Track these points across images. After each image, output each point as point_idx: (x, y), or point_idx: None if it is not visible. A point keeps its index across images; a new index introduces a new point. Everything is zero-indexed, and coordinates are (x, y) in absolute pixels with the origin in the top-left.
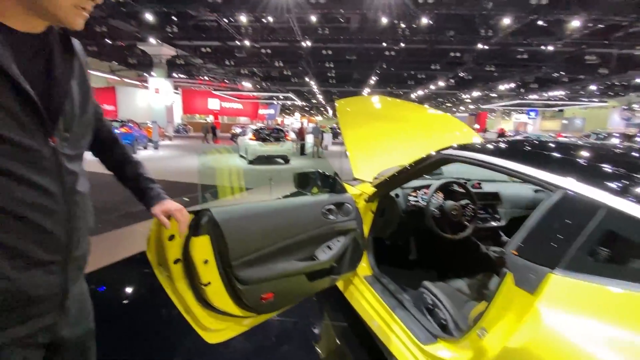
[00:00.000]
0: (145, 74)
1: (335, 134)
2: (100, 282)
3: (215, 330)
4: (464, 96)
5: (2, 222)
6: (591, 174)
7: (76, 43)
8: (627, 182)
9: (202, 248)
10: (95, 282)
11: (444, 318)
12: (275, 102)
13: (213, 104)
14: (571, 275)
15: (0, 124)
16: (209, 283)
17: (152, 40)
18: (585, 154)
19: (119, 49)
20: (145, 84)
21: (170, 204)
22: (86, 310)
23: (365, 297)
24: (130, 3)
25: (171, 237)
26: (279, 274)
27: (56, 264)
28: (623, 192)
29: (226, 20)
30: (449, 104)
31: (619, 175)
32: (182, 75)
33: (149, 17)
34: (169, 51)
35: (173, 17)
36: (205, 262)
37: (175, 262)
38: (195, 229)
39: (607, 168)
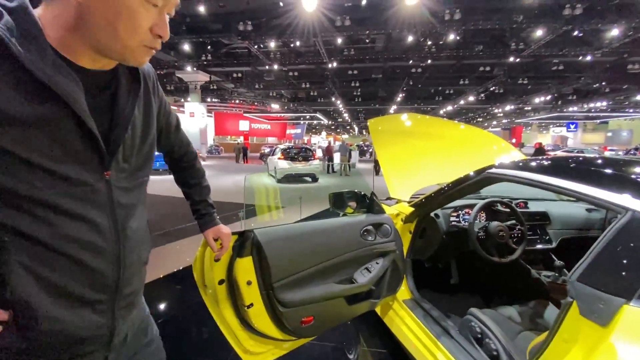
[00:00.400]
0: (181, 99)
1: (362, 151)
2: None
3: (256, 353)
4: (495, 110)
5: (49, 259)
6: None
7: (145, 67)
8: None
9: (246, 269)
10: None
11: (495, 349)
12: (302, 121)
13: (243, 125)
14: None
15: (57, 159)
16: (252, 305)
17: (188, 68)
18: None
19: (158, 77)
20: (181, 109)
21: (221, 229)
22: (144, 337)
23: (406, 322)
24: (170, 35)
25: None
26: (319, 297)
27: (103, 303)
28: None
29: (256, 47)
30: (479, 119)
31: None
32: (215, 99)
33: (186, 47)
34: (203, 77)
35: (207, 47)
36: (248, 283)
37: (220, 282)
38: (239, 250)
39: None
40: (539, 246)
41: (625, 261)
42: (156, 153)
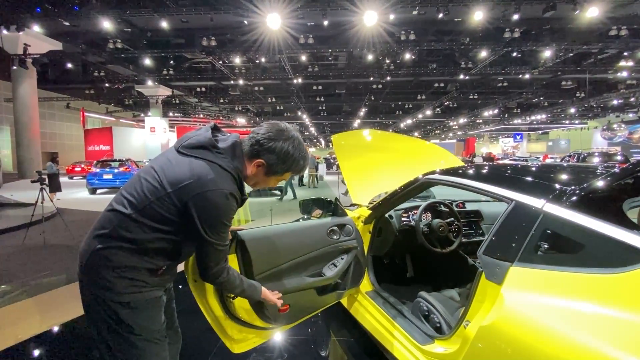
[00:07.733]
0: (140, 113)
1: (329, 164)
2: None
3: (239, 341)
4: (451, 123)
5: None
6: (534, 188)
7: None
8: (558, 192)
9: (231, 264)
10: None
11: (438, 322)
12: None
13: None
14: (524, 266)
15: None
16: (236, 296)
17: (149, 82)
18: (533, 172)
19: (116, 91)
20: (141, 124)
21: None
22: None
23: (369, 310)
24: (128, 49)
25: None
26: (293, 287)
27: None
28: (554, 200)
29: (220, 62)
30: (437, 131)
31: (553, 187)
32: (177, 114)
33: (147, 61)
34: (165, 92)
35: (170, 61)
36: None
37: None
38: None
39: (546, 182)
40: (474, 239)
41: (510, 236)
42: (105, 169)
